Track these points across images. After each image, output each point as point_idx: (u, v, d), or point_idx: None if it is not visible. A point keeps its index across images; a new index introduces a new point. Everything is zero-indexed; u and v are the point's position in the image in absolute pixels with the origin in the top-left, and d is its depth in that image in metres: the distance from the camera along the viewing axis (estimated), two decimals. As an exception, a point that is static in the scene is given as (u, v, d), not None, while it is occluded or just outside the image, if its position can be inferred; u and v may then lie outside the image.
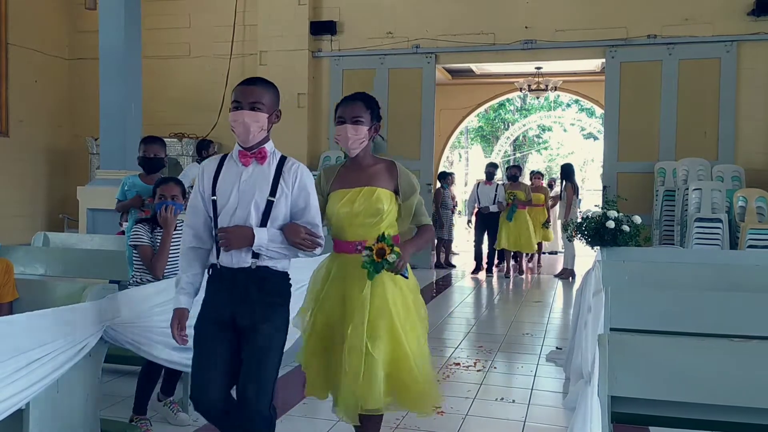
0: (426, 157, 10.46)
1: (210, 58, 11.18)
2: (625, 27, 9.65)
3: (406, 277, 2.83)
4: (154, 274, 3.58)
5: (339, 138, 2.92)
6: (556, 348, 5.48)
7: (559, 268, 10.34)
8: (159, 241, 3.64)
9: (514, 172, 10.25)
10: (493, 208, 9.83)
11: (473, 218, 10.45)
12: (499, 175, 12.03)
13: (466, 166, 28.36)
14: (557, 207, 13.67)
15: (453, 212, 11.39)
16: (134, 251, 3.68)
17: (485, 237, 10.24)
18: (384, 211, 2.81)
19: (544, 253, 12.74)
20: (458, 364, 5.01)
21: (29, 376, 2.52)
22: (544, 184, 12.22)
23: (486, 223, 10.04)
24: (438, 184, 11.22)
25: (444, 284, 9.32)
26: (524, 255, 10.67)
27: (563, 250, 10.67)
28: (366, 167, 2.92)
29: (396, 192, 2.87)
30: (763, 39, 9.22)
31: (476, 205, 10.14)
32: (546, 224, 11.17)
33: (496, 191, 9.92)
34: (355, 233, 2.83)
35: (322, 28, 10.68)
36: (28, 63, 10.94)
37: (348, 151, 2.91)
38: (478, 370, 4.84)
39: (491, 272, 10.16)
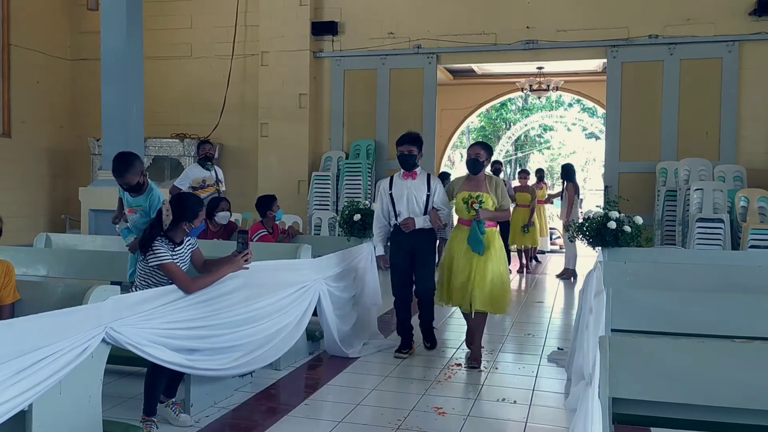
0: (427, 157, 10.45)
1: (211, 58, 11.19)
2: (627, 27, 9.64)
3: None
4: (188, 291, 3.46)
5: None
6: (558, 349, 5.47)
7: (558, 268, 10.32)
8: (183, 257, 3.60)
9: (474, 153, 4.98)
10: None
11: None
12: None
13: (468, 165, 28.31)
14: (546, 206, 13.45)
15: None
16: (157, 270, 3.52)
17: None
18: None
19: (542, 252, 12.49)
20: (459, 364, 5.01)
21: (32, 377, 2.54)
22: (530, 183, 11.00)
23: None
24: (439, 184, 11.17)
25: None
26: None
27: (563, 250, 10.64)
28: None
29: None
30: (764, 39, 9.21)
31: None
32: (525, 228, 10.18)
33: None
34: None
35: (323, 28, 10.69)
36: (30, 64, 10.96)
37: None
38: (479, 371, 4.84)
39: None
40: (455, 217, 5.24)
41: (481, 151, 5.02)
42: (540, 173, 12.75)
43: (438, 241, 5.33)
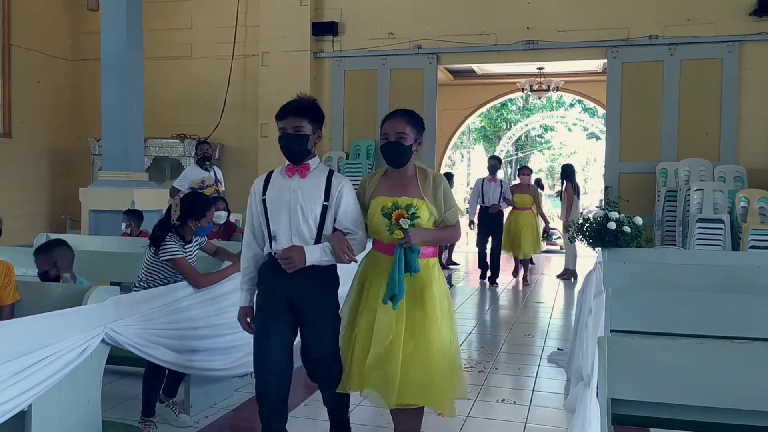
0: (427, 157, 10.45)
1: (212, 59, 11.19)
2: (627, 27, 9.64)
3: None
4: (198, 286, 3.56)
5: None
6: (558, 349, 5.48)
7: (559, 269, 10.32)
8: (191, 254, 3.64)
9: (396, 132, 3.18)
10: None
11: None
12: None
13: (468, 166, 28.40)
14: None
15: None
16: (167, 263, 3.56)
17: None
18: None
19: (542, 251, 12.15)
20: (459, 365, 5.00)
21: (31, 377, 2.54)
22: (532, 182, 10.24)
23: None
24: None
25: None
26: None
27: (563, 250, 10.62)
28: None
29: None
30: (764, 39, 9.20)
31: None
32: (546, 234, 9.80)
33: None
34: None
35: (323, 28, 10.69)
36: (31, 64, 10.96)
37: None
38: (479, 372, 4.84)
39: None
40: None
41: (407, 128, 3.05)
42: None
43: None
